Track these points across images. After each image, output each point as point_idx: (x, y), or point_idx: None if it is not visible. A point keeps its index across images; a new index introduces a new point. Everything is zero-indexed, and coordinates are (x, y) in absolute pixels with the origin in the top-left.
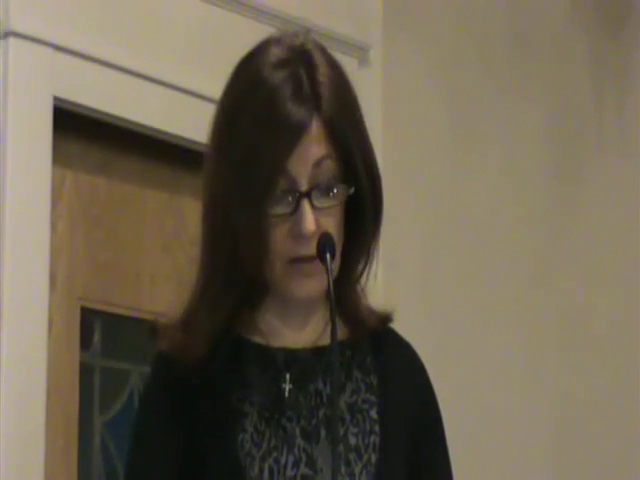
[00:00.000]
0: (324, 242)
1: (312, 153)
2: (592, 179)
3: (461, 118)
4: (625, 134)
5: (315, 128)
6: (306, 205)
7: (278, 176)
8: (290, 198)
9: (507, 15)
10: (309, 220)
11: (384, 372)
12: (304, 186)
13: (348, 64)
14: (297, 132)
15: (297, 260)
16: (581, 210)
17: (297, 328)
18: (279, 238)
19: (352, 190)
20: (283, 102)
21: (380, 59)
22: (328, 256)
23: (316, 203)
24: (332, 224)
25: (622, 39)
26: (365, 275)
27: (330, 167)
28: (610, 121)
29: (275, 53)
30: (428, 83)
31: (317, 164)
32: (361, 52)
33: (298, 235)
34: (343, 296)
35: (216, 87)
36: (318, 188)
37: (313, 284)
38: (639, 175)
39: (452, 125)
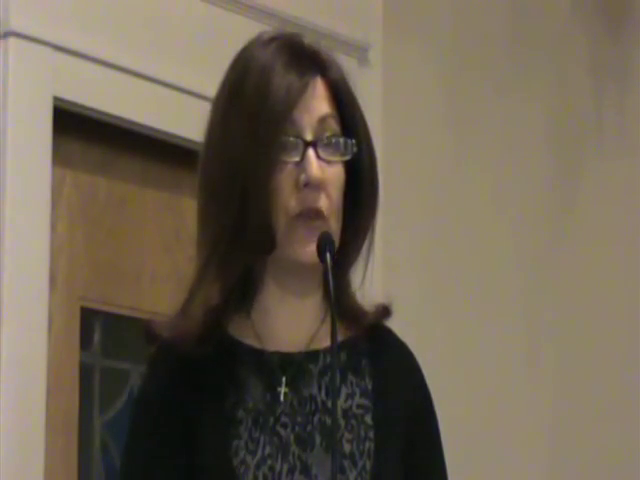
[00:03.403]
0: (324, 242)
1: (318, 108)
2: (592, 179)
3: (461, 118)
4: (625, 134)
5: (321, 86)
6: (312, 153)
7: (285, 122)
8: (297, 146)
9: (507, 15)
10: (315, 167)
11: (379, 374)
12: (310, 136)
13: (348, 64)
14: (301, 86)
15: (302, 215)
16: (581, 209)
17: (292, 329)
18: (286, 189)
19: (355, 148)
20: (288, 58)
21: (380, 59)
22: (328, 256)
23: (321, 154)
24: (335, 179)
25: (622, 39)
26: (362, 274)
27: (334, 125)
28: (610, 121)
29: (273, 34)
30: (428, 83)
31: (322, 120)
32: (361, 52)
33: (305, 184)
34: (340, 295)
35: (216, 87)
36: (323, 141)
37: (315, 246)
38: (639, 175)
39: (452, 125)
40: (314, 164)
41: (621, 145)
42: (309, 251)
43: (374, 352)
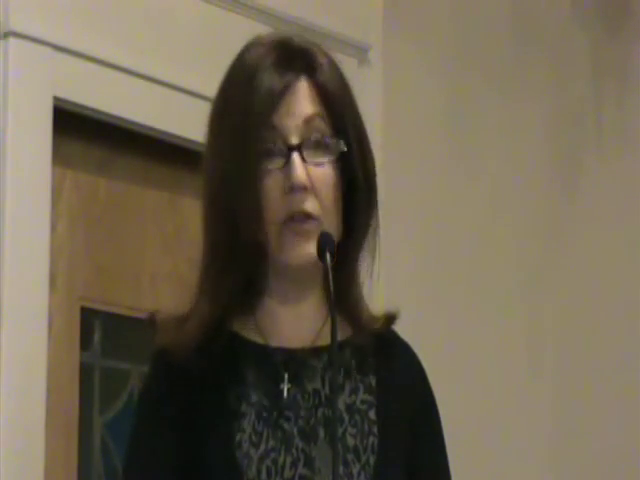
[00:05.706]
0: (324, 242)
1: (302, 109)
2: (592, 179)
3: (461, 118)
4: (625, 133)
5: (306, 86)
6: (296, 157)
7: (263, 128)
8: (281, 152)
9: (507, 15)
10: (299, 171)
11: (383, 372)
12: (294, 140)
13: (348, 64)
14: (282, 88)
15: (291, 220)
16: (581, 209)
17: (296, 326)
18: (272, 195)
19: (344, 146)
20: (273, 61)
21: (380, 59)
22: (328, 256)
23: (307, 157)
24: (324, 179)
25: (622, 39)
26: (367, 271)
27: (321, 125)
28: (610, 121)
29: (267, 36)
30: (428, 83)
31: (308, 121)
32: (361, 52)
33: (290, 189)
34: (344, 294)
35: (215, 87)
36: (309, 143)
37: (308, 247)
38: (639, 175)
39: (452, 125)
40: (298, 169)
41: (621, 145)
42: (301, 254)
43: (378, 350)
